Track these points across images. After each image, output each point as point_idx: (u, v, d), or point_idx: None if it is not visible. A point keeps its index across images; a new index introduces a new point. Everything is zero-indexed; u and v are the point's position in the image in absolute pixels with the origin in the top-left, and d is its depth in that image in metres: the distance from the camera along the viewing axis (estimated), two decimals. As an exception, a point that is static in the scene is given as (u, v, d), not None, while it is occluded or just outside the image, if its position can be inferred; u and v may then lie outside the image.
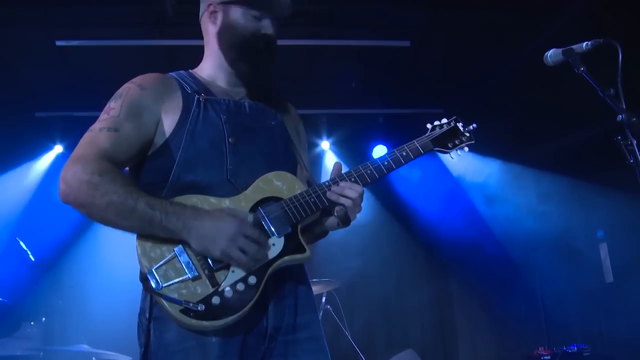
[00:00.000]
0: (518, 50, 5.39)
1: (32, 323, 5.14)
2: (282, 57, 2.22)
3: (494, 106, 6.11)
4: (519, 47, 5.35)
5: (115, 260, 5.62)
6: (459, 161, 2.31)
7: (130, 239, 1.85)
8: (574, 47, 2.18)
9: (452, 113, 6.83)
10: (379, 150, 6.86)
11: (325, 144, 6.95)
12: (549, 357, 5.49)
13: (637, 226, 5.32)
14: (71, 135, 6.34)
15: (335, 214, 2.02)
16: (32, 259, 4.82)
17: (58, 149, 6.47)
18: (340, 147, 7.02)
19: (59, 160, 6.44)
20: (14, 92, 5.77)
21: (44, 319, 5.29)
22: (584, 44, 2.15)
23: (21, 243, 4.79)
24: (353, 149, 7.03)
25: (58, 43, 5.09)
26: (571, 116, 5.43)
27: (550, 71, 2.26)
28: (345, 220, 2.04)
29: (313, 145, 6.90)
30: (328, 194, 2.00)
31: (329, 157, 7.02)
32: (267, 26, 2.12)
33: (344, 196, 1.99)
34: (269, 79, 2.17)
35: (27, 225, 5.96)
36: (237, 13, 2.11)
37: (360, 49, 5.59)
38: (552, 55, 2.23)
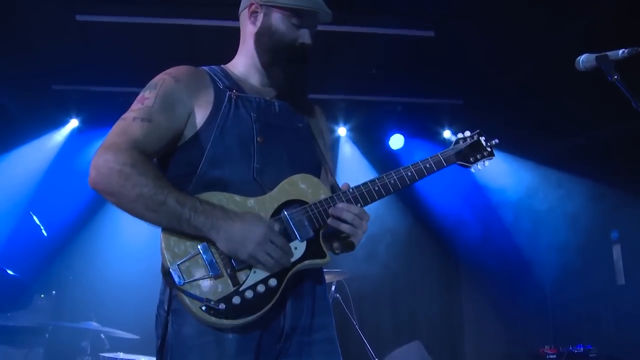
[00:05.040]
0: (544, 45, 5.29)
1: (42, 296, 5.18)
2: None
3: (515, 101, 6.03)
4: (545, 42, 5.25)
5: (128, 239, 5.66)
6: (480, 167, 2.30)
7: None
8: (609, 54, 2.10)
9: (472, 105, 6.76)
10: (396, 139, 6.81)
11: (342, 130, 6.89)
12: (554, 357, 5.49)
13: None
14: (87, 109, 6.33)
15: (338, 244, 2.08)
16: (45, 234, 4.84)
17: (74, 122, 6.41)
18: (357, 134, 6.97)
19: (74, 135, 6.40)
20: (32, 63, 5.75)
21: (54, 292, 5.34)
22: (620, 51, 2.08)
23: (34, 218, 4.81)
24: (370, 136, 6.99)
25: (78, 18, 5.05)
26: (592, 115, 5.36)
27: (575, 69, 2.20)
28: (348, 247, 2.08)
29: (330, 131, 6.82)
30: (329, 221, 1.98)
31: (346, 144, 6.97)
32: (305, 35, 2.10)
33: (342, 220, 1.97)
34: (301, 86, 2.16)
35: (40, 200, 5.95)
36: (277, 18, 2.09)
37: (382, 36, 5.51)
38: (584, 60, 2.16)
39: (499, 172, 6.58)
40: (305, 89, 2.21)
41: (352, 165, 6.76)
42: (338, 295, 5.06)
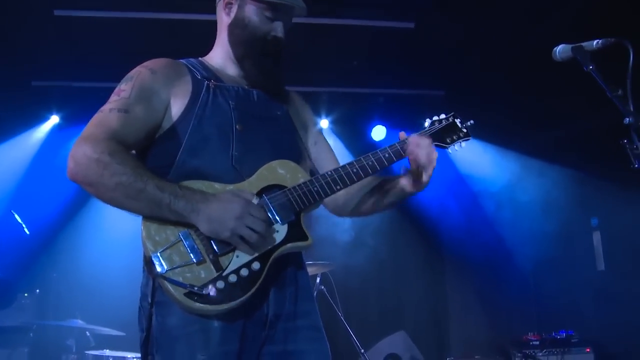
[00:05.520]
0: (525, 36, 5.33)
1: (25, 294, 5.15)
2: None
3: (496, 91, 6.07)
4: (526, 33, 5.29)
5: (112, 235, 5.63)
6: (457, 148, 2.34)
7: (128, 215, 1.85)
8: (583, 44, 2.14)
9: (453, 96, 6.78)
10: (378, 130, 6.84)
11: (324, 122, 6.90)
12: (537, 343, 5.58)
13: (631, 215, 5.35)
14: (68, 105, 6.26)
15: (410, 170, 2.11)
16: (27, 232, 4.80)
17: (54, 119, 6.35)
18: (340, 126, 6.97)
19: (55, 131, 6.34)
20: (11, 59, 5.67)
21: (37, 290, 5.30)
22: (594, 42, 2.11)
23: (16, 216, 4.76)
24: (352, 127, 7.00)
25: (56, 13, 5.00)
26: (573, 106, 5.41)
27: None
28: (418, 176, 2.10)
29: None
30: (403, 145, 2.10)
31: (328, 136, 6.97)
32: (278, 28, 2.11)
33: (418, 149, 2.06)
34: (273, 79, 2.17)
35: (22, 198, 5.89)
36: (251, 10, 2.10)
37: (364, 28, 5.52)
38: (560, 51, 2.19)
39: (481, 162, 6.64)
40: (281, 81, 2.21)
41: (334, 157, 6.76)
42: (323, 288, 5.08)
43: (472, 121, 2.33)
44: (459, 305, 7.27)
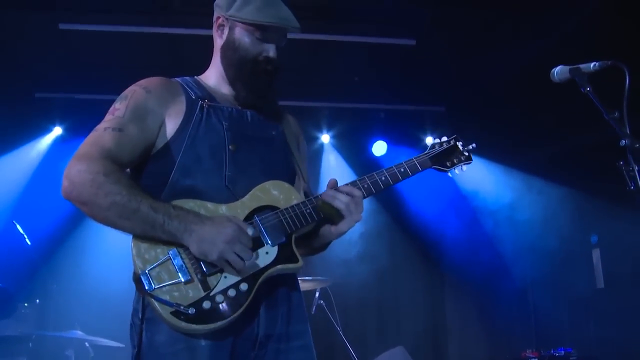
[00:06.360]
0: (523, 51, 5.36)
1: (25, 304, 5.14)
2: (286, 48, 2.21)
3: (496, 108, 6.10)
4: (525, 47, 5.32)
5: (113, 246, 5.62)
6: (458, 171, 2.32)
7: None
8: (581, 66, 2.17)
9: (454, 112, 6.81)
10: (379, 146, 6.87)
11: (325, 137, 6.93)
12: (536, 360, 5.56)
13: (631, 233, 5.35)
14: (71, 117, 6.31)
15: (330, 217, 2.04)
16: (29, 243, 4.80)
17: (57, 130, 6.39)
18: (340, 141, 7.01)
19: (58, 143, 6.38)
20: (14, 72, 5.73)
21: (37, 300, 5.30)
22: (592, 64, 2.14)
23: (18, 227, 4.77)
24: (353, 143, 7.03)
25: (61, 26, 5.05)
26: (572, 121, 5.43)
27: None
28: (337, 220, 2.04)
29: (313, 138, 6.86)
30: (323, 194, 2.02)
31: (329, 151, 7.01)
32: (270, 49, 2.10)
33: (337, 198, 2.01)
34: (265, 99, 2.16)
35: (24, 209, 5.92)
36: (241, 32, 2.10)
37: (365, 45, 5.57)
38: (558, 72, 2.22)
39: (480, 179, 6.65)
40: (274, 100, 2.22)
41: (335, 172, 6.77)
42: (322, 302, 5.07)
43: (474, 144, 2.30)
44: (457, 321, 7.25)
